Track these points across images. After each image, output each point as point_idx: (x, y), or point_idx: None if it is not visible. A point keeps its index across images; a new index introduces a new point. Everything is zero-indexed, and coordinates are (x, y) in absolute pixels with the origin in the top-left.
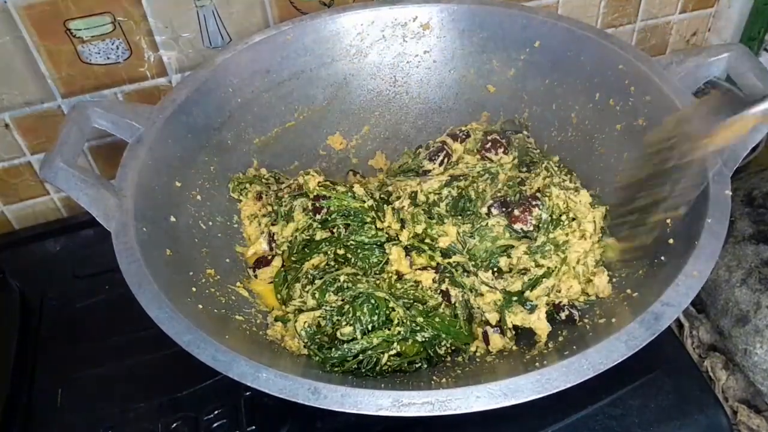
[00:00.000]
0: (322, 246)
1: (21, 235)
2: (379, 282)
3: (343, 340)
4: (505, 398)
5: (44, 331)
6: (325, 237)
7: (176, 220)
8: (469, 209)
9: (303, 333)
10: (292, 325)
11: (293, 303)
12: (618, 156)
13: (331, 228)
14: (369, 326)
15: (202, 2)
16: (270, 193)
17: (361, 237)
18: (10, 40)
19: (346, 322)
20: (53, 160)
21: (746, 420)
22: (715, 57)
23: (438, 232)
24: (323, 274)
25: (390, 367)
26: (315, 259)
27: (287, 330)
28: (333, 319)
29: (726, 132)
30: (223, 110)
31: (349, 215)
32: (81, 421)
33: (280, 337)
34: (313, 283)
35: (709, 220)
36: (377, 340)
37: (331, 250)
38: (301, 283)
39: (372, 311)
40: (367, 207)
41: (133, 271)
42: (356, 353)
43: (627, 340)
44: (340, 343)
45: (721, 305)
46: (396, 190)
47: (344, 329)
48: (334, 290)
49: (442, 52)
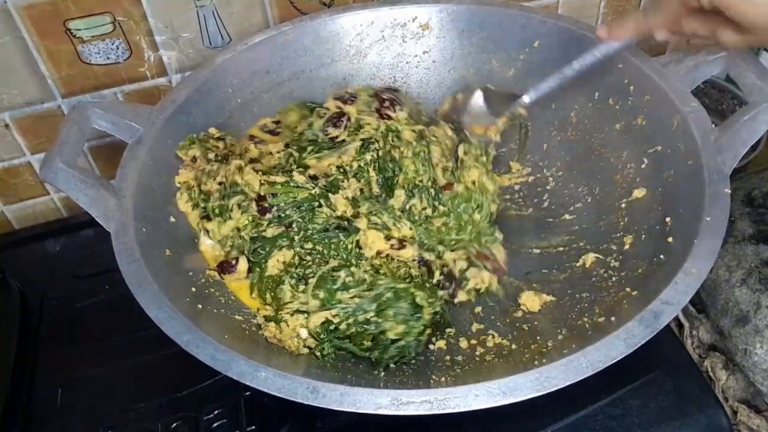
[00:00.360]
0: (278, 242)
1: (21, 235)
2: (381, 269)
3: (394, 339)
4: (504, 397)
5: (44, 331)
6: (279, 233)
7: (176, 221)
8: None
9: (323, 335)
10: (293, 326)
11: (289, 306)
12: (617, 155)
13: (286, 224)
14: (409, 318)
15: (202, 2)
16: (202, 162)
17: (316, 224)
18: (10, 40)
19: (385, 319)
20: (53, 160)
21: (746, 420)
22: (714, 56)
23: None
24: (307, 272)
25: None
26: (277, 256)
27: (282, 330)
28: (361, 318)
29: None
30: (223, 110)
31: (300, 206)
32: (81, 421)
33: (276, 336)
34: (305, 282)
35: (708, 219)
36: (419, 328)
37: (296, 245)
38: (289, 284)
39: (397, 301)
40: (315, 195)
41: (132, 271)
42: (407, 344)
43: (626, 338)
44: (391, 342)
45: (721, 305)
46: (322, 168)
47: (389, 329)
48: (339, 288)
49: (441, 53)
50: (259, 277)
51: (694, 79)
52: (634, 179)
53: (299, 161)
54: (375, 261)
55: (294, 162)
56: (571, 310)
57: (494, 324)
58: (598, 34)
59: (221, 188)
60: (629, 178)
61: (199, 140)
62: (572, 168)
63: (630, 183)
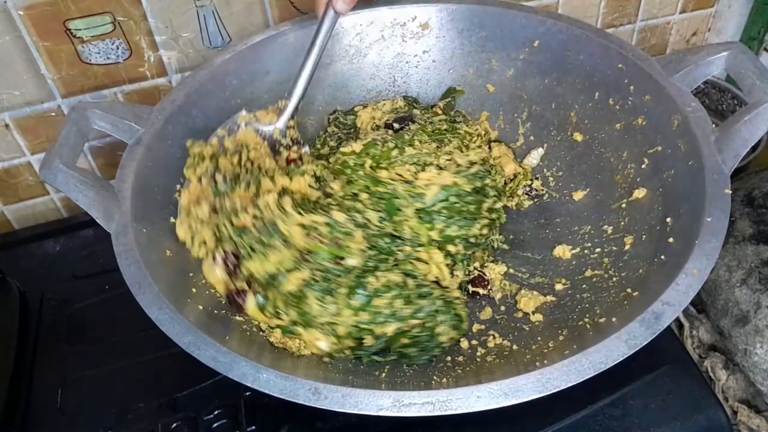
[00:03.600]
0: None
1: (21, 235)
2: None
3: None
4: (506, 398)
5: (44, 331)
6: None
7: (176, 221)
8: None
9: (378, 345)
10: (309, 338)
11: (319, 319)
12: (617, 155)
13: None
14: (457, 326)
15: (202, 2)
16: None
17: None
18: (10, 40)
19: (435, 324)
20: (53, 161)
21: (746, 420)
22: (714, 56)
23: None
24: (331, 284)
25: None
26: (296, 274)
27: (298, 342)
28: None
29: None
30: (223, 111)
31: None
32: (80, 421)
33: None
34: (331, 293)
35: (708, 219)
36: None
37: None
38: (314, 297)
39: (447, 312)
40: (367, 266)
41: (132, 272)
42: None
43: (627, 339)
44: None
45: (721, 305)
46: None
47: (444, 332)
48: (371, 294)
49: (441, 52)
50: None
51: (694, 79)
52: (634, 179)
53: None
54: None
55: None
56: (572, 311)
57: (495, 324)
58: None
59: (256, 222)
60: (629, 178)
61: (211, 157)
62: (572, 168)
63: (630, 183)
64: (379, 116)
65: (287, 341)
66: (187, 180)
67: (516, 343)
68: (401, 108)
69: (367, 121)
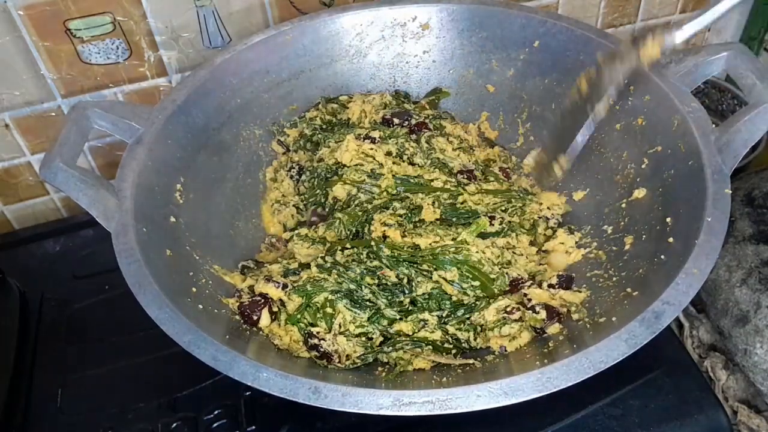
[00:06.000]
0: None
1: (21, 235)
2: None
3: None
4: (506, 397)
5: (44, 331)
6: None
7: (176, 221)
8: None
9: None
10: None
11: (354, 330)
12: (617, 155)
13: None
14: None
15: (202, 2)
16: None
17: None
18: (10, 40)
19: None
20: (53, 160)
21: (746, 420)
22: (714, 56)
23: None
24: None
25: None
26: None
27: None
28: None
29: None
30: (223, 111)
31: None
32: (81, 421)
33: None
34: (360, 305)
35: (708, 219)
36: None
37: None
38: (345, 307)
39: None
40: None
41: (133, 271)
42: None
43: (627, 338)
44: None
45: (721, 305)
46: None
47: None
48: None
49: (441, 52)
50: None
51: (694, 79)
52: (634, 179)
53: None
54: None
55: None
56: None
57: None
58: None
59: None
60: (629, 178)
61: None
62: (572, 168)
63: (630, 183)
64: (369, 109)
65: (292, 344)
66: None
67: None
68: (390, 102)
69: (358, 114)
